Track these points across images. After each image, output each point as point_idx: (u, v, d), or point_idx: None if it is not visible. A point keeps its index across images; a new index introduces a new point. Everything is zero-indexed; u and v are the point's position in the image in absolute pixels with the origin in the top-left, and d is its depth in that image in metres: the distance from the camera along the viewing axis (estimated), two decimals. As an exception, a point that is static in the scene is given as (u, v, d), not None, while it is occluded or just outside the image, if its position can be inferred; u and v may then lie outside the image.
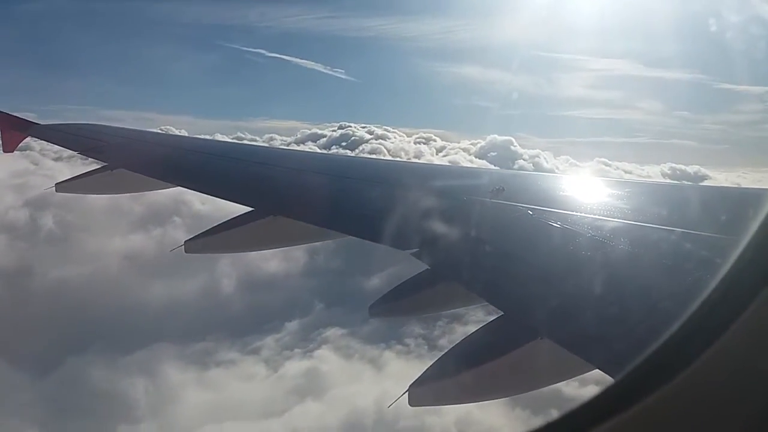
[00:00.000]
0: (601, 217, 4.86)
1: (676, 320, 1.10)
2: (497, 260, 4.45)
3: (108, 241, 58.27)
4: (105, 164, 8.07)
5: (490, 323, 3.57)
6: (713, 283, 1.09)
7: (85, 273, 51.57)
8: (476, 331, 3.65)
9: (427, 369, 3.59)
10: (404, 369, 41.72)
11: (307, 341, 46.20)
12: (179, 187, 7.92)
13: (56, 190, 8.32)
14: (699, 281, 0.99)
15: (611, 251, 4.07)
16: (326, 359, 43.53)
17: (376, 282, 53.05)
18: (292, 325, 48.20)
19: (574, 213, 5.05)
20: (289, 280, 54.11)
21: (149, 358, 41.06)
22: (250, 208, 6.04)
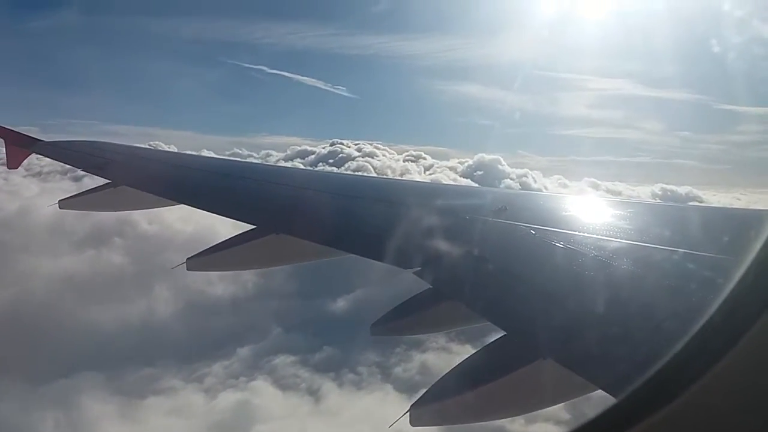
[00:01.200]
0: (604, 237, 4.86)
1: (678, 341, 1.10)
2: (500, 280, 4.44)
3: (52, 260, 56.90)
4: (108, 181, 8.10)
5: (493, 343, 3.56)
6: (715, 305, 1.09)
7: (15, 294, 49.04)
8: (478, 350, 3.63)
9: (428, 389, 3.57)
10: (341, 403, 40.02)
11: (254, 369, 44.37)
12: (179, 205, 7.97)
13: (59, 207, 8.35)
14: (701, 302, 1.00)
15: (614, 271, 4.07)
16: (260, 391, 41.39)
17: (341, 305, 52.52)
18: (244, 351, 46.41)
19: (577, 233, 5.05)
20: (254, 302, 52.50)
21: (72, 387, 38.64)
22: (252, 226, 6.05)
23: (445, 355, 43.33)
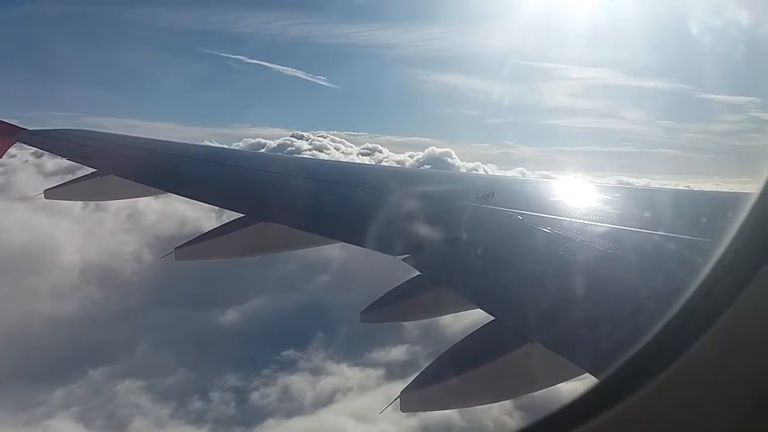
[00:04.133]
0: (590, 222, 4.90)
1: (660, 322, 1.13)
2: (488, 265, 4.47)
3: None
4: (95, 170, 8.03)
5: (481, 328, 3.59)
6: (694, 286, 1.12)
7: None
8: (468, 336, 3.66)
9: (418, 374, 3.60)
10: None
11: (91, 396, 38.69)
12: (168, 194, 7.92)
13: (45, 197, 8.27)
14: (685, 283, 1.03)
15: (600, 255, 4.11)
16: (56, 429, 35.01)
17: (231, 317, 49.37)
18: (96, 374, 41.15)
19: (563, 218, 5.08)
20: (141, 312, 48.45)
21: None
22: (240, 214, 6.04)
23: (316, 377, 42.00)
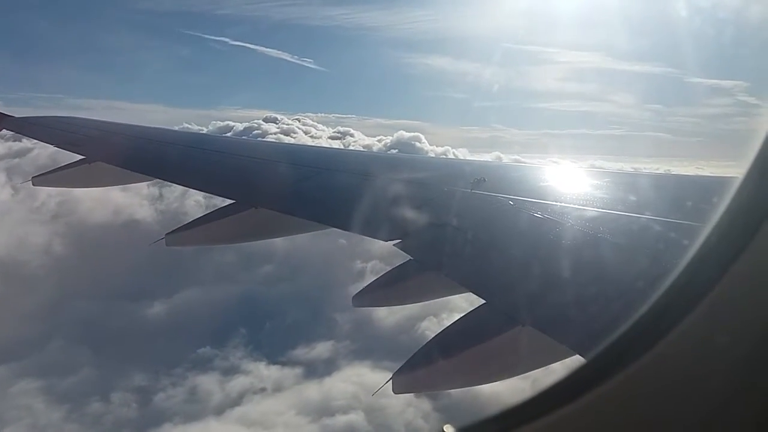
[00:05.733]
0: (580, 207, 4.95)
1: (646, 303, 1.17)
2: (479, 250, 4.51)
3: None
4: (83, 157, 7.97)
5: (473, 311, 3.63)
6: (678, 269, 1.15)
7: None
8: (459, 319, 3.70)
9: (410, 357, 3.64)
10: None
11: None
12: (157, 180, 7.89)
13: (33, 184, 8.21)
14: (671, 266, 1.05)
15: (588, 239, 4.15)
16: None
17: (158, 310, 47.35)
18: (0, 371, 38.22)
19: (554, 203, 5.12)
20: (69, 302, 46.83)
21: None
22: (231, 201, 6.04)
23: (228, 376, 40.29)
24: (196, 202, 55.78)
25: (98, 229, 57.06)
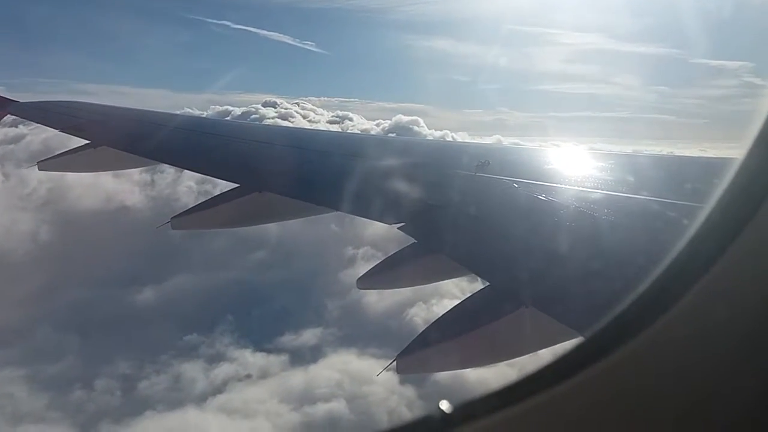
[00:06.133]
0: (583, 189, 4.95)
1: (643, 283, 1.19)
2: (483, 232, 4.53)
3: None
4: (88, 142, 7.99)
5: (476, 293, 3.65)
6: (674, 251, 1.17)
7: None
8: (463, 300, 3.73)
9: (414, 338, 3.68)
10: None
11: None
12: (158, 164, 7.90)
13: (38, 168, 8.24)
14: (671, 246, 1.07)
15: (593, 221, 4.17)
16: None
17: (149, 296, 46.77)
18: None
19: (557, 185, 5.13)
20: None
21: None
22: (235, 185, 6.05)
23: (213, 364, 39.83)
24: (188, 188, 56.76)
25: (89, 216, 56.64)
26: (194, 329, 44.05)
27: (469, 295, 3.74)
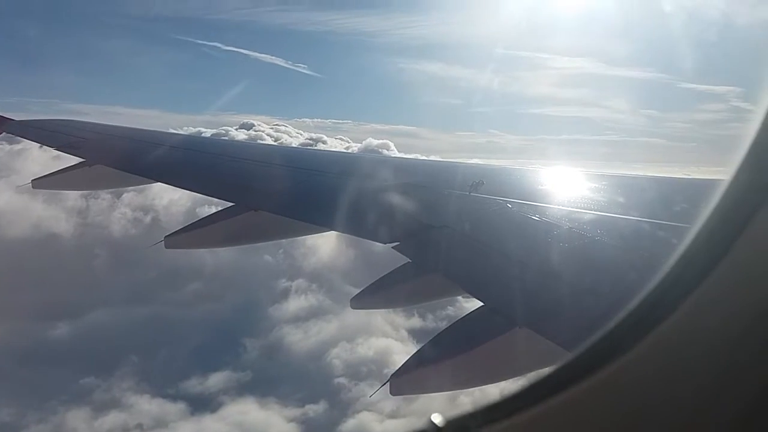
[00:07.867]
0: (576, 209, 4.99)
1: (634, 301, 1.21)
2: (478, 252, 4.54)
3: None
4: (83, 160, 8.00)
5: (470, 314, 3.66)
6: (662, 271, 1.20)
7: None
8: (456, 321, 3.73)
9: (407, 359, 3.67)
10: None
11: None
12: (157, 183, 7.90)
13: (32, 186, 8.22)
14: (660, 266, 1.09)
15: (586, 242, 4.20)
16: None
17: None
18: None
19: (551, 206, 5.17)
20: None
21: None
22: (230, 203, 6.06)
23: (101, 412, 35.60)
24: (121, 215, 54.74)
25: (12, 244, 51.87)
26: (94, 371, 39.98)
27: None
